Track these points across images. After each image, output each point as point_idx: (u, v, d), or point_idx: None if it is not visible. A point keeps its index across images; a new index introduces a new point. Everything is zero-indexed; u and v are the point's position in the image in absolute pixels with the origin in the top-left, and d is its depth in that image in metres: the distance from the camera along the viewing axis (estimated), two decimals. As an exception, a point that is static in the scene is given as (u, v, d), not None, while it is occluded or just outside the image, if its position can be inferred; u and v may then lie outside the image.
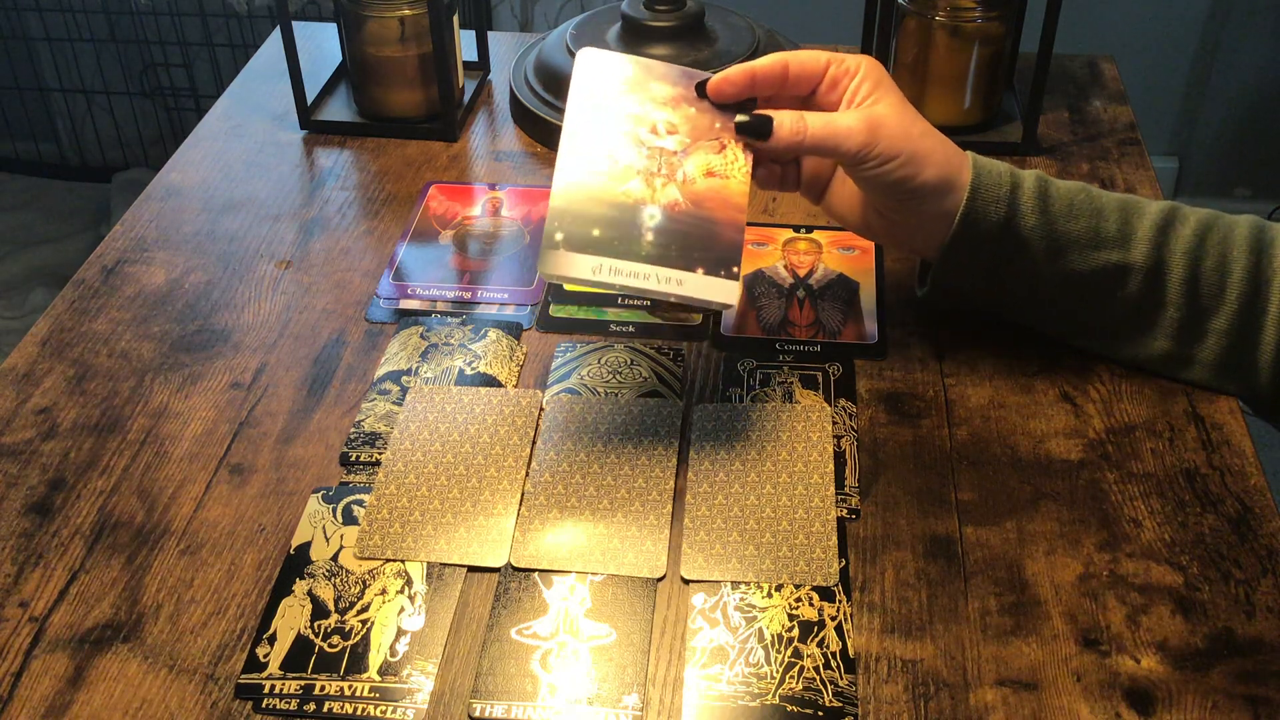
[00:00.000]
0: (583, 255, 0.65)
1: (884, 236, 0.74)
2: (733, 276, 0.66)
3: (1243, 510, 0.65)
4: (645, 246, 0.65)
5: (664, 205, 0.66)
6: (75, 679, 0.57)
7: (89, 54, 2.33)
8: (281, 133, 1.00)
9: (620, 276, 0.65)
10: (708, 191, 0.67)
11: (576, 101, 0.68)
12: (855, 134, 0.67)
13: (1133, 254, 0.70)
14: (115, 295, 0.82)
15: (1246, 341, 0.69)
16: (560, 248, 0.65)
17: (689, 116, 0.69)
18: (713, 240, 0.66)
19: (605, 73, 0.69)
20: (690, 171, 0.67)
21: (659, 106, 0.69)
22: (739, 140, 0.68)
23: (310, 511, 0.65)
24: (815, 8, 2.09)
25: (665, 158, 0.67)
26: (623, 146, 0.67)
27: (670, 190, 0.66)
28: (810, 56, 0.69)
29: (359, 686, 0.57)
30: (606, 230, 0.65)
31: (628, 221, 0.66)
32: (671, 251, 0.65)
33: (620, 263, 0.65)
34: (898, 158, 0.67)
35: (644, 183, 0.67)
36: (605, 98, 0.68)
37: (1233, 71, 2.14)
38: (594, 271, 0.65)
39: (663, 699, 0.56)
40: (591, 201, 0.66)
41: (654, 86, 0.69)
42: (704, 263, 0.65)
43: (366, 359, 0.76)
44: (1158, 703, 0.56)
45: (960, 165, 0.70)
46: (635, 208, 0.66)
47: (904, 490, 0.66)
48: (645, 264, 0.65)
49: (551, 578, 0.62)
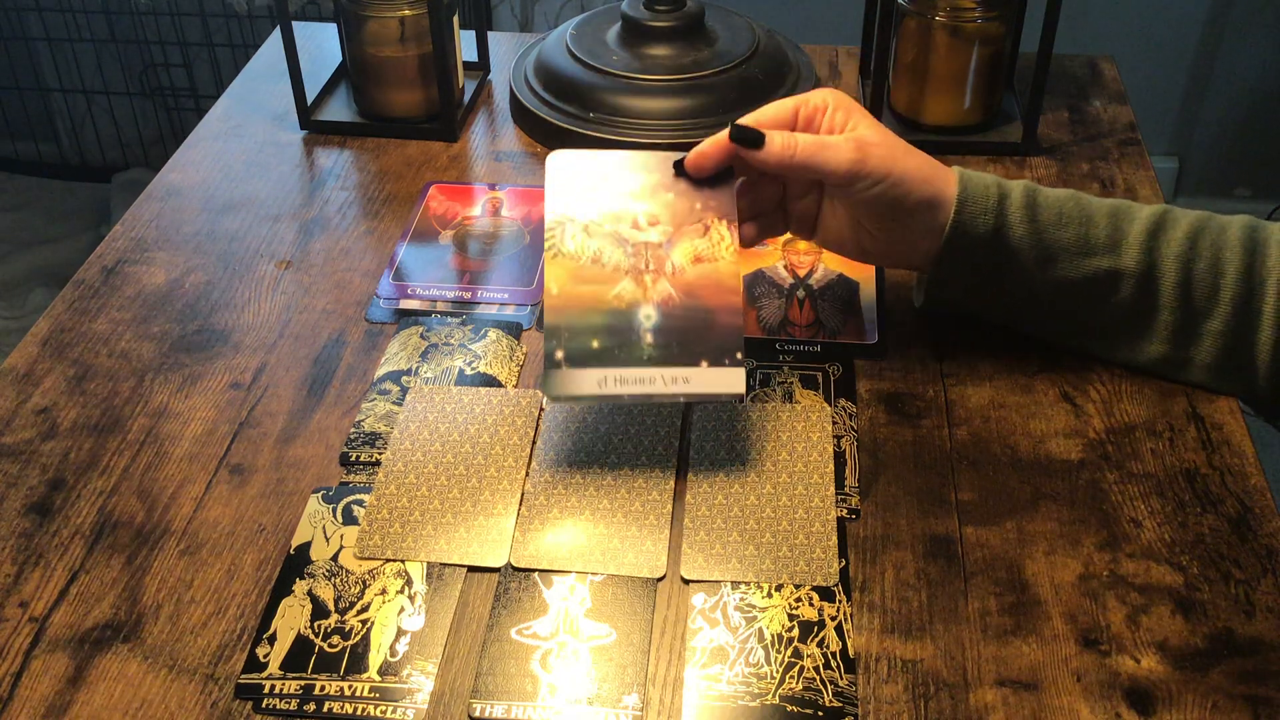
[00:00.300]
0: (586, 370, 0.64)
1: (879, 257, 0.74)
2: (738, 364, 0.65)
3: (1243, 510, 0.65)
4: (646, 349, 0.65)
5: (658, 302, 0.66)
6: (75, 679, 0.57)
7: (89, 54, 2.33)
8: (281, 133, 1.00)
9: (626, 385, 0.64)
10: (699, 279, 0.66)
11: (554, 208, 0.68)
12: (846, 153, 0.67)
13: (1124, 259, 0.70)
14: (115, 295, 0.82)
15: (1243, 342, 0.69)
16: (563, 366, 0.64)
17: (668, 203, 0.68)
18: (711, 330, 0.65)
19: (577, 173, 0.69)
20: (678, 261, 0.67)
21: (636, 199, 0.68)
22: (721, 218, 0.68)
23: (310, 511, 0.65)
24: (815, 8, 2.09)
25: (651, 251, 0.67)
26: (607, 248, 0.67)
27: (662, 285, 0.66)
28: (777, 108, 0.70)
29: (359, 686, 0.57)
30: (605, 339, 0.65)
31: (625, 327, 0.65)
32: (673, 350, 0.65)
33: (624, 371, 0.64)
34: (888, 177, 0.67)
35: (634, 282, 0.66)
36: (581, 200, 0.68)
37: (1233, 71, 2.14)
38: (600, 385, 0.64)
39: (663, 699, 0.57)
40: (586, 312, 0.65)
41: (628, 178, 0.69)
42: (707, 355, 0.65)
43: (366, 359, 0.76)
44: (1158, 703, 0.56)
45: (947, 180, 0.70)
46: (630, 311, 0.66)
47: (904, 490, 0.66)
48: (649, 367, 0.65)
49: (551, 578, 0.62)
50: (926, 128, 0.96)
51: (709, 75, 0.96)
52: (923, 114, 0.96)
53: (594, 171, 0.69)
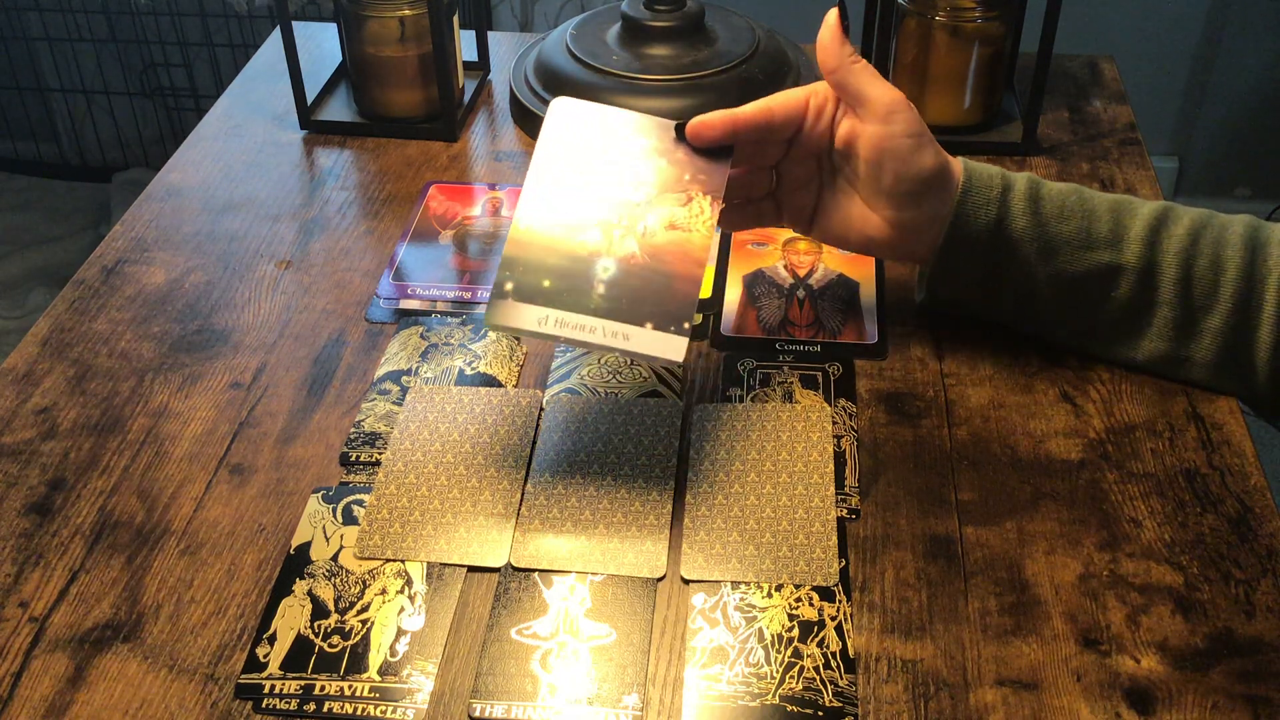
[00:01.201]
0: (530, 306, 0.64)
1: (881, 247, 0.74)
2: (683, 333, 0.64)
3: (1243, 510, 0.65)
4: (595, 300, 0.65)
5: (619, 258, 0.65)
6: (75, 679, 0.57)
7: (89, 54, 2.33)
8: (281, 133, 1.00)
9: (566, 329, 0.64)
10: (668, 245, 0.66)
11: (544, 149, 0.68)
12: (892, 92, 0.69)
13: (1125, 254, 0.70)
14: (115, 295, 0.82)
15: (1242, 340, 0.69)
16: (509, 298, 0.64)
17: (658, 168, 0.68)
18: (666, 294, 0.65)
19: (578, 122, 0.69)
20: (652, 224, 0.66)
21: (629, 157, 0.68)
22: (707, 193, 0.68)
23: (310, 511, 0.65)
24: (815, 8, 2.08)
25: (628, 209, 0.67)
26: (586, 197, 0.67)
27: (628, 242, 0.66)
28: (790, 96, 0.70)
29: (359, 686, 0.57)
30: (557, 281, 0.65)
31: (580, 273, 0.65)
32: (621, 305, 0.65)
33: (567, 315, 0.64)
34: (918, 135, 0.69)
35: (602, 234, 0.66)
36: (574, 147, 0.68)
37: (1233, 71, 2.14)
38: (539, 323, 0.64)
39: (663, 699, 0.57)
40: (546, 251, 0.65)
41: (627, 137, 0.69)
42: (654, 317, 0.64)
43: (366, 359, 0.76)
44: (1158, 703, 0.56)
45: (953, 163, 0.71)
46: (590, 259, 0.65)
47: (904, 490, 0.66)
48: (592, 317, 0.64)
49: (551, 578, 0.62)
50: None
51: (709, 75, 0.96)
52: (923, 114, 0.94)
53: (592, 124, 0.69)
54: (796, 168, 0.72)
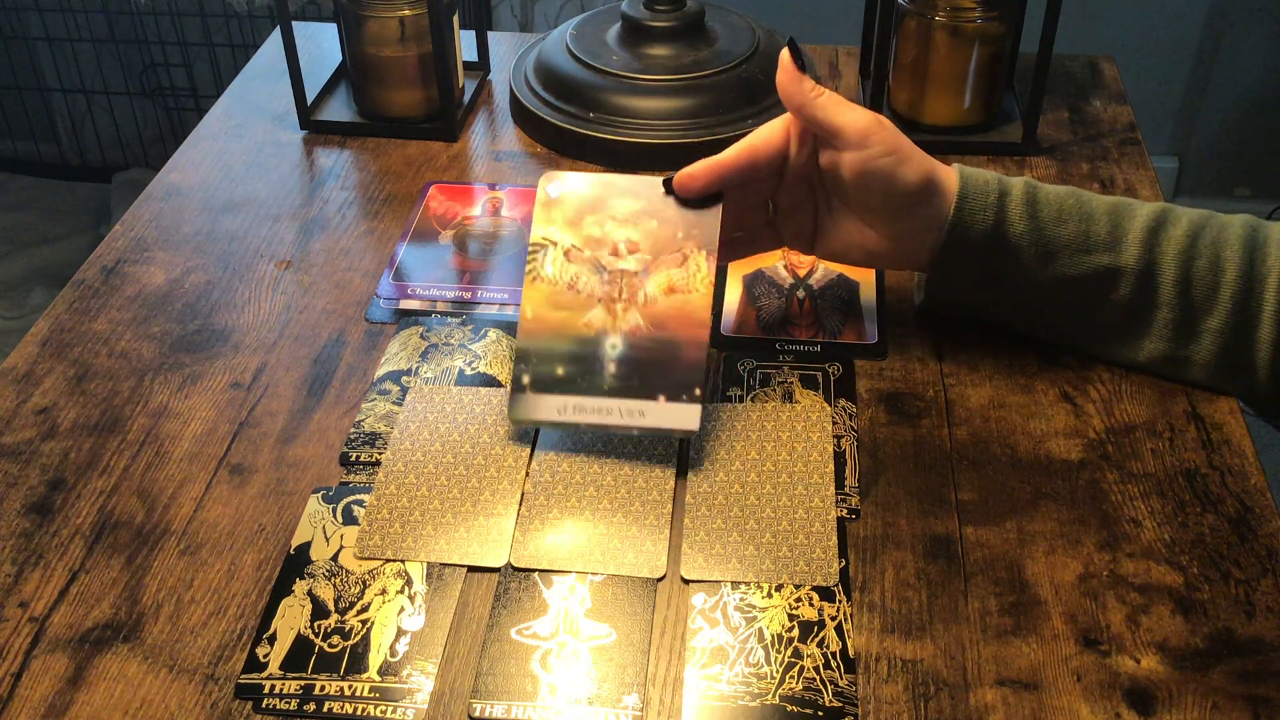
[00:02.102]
0: (548, 396, 0.66)
1: (882, 258, 0.74)
2: (695, 400, 0.66)
3: (1243, 510, 0.65)
4: (608, 380, 0.66)
5: (625, 332, 0.67)
6: (75, 679, 0.57)
7: (89, 54, 2.33)
8: (281, 133, 1.00)
9: (585, 414, 0.66)
10: (669, 310, 0.68)
11: (538, 231, 0.70)
12: (864, 115, 0.68)
13: (1123, 257, 0.70)
14: (115, 295, 0.82)
15: (1242, 341, 0.69)
16: (527, 391, 0.67)
17: (650, 231, 0.69)
18: (674, 364, 0.67)
19: (567, 196, 0.70)
20: (652, 290, 0.68)
21: (621, 225, 0.69)
22: (702, 248, 0.69)
23: (310, 511, 0.65)
24: (815, 8, 2.09)
25: (626, 280, 0.68)
26: (584, 274, 0.68)
27: (632, 315, 0.67)
28: (769, 130, 0.71)
29: (359, 686, 0.57)
30: (570, 367, 0.67)
31: (590, 356, 0.67)
32: (633, 383, 0.66)
33: (584, 399, 0.66)
34: (896, 151, 0.68)
35: (605, 310, 0.68)
36: (565, 224, 0.70)
37: (1233, 71, 2.14)
38: (559, 412, 0.66)
39: (663, 699, 0.57)
40: (555, 338, 0.67)
41: (616, 203, 0.70)
42: (665, 389, 0.66)
43: (366, 359, 0.76)
44: (1158, 703, 0.56)
45: (948, 173, 0.71)
46: (597, 339, 0.67)
47: (904, 490, 0.66)
48: (608, 398, 0.66)
49: (551, 578, 0.62)
50: (926, 128, 0.96)
51: (709, 75, 0.96)
52: (923, 114, 0.96)
53: (584, 195, 0.71)
54: (790, 195, 0.73)
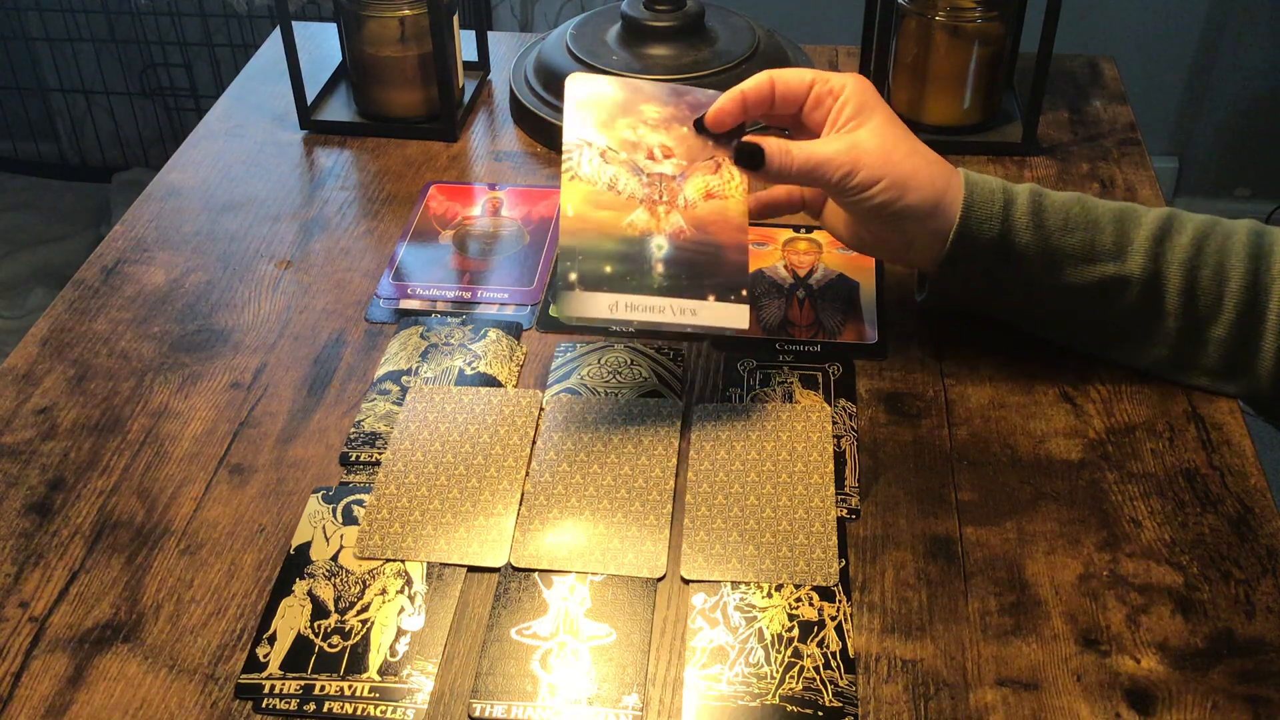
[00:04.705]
0: (598, 294, 0.65)
1: (878, 252, 0.74)
2: (743, 300, 0.66)
3: (1243, 510, 0.65)
4: (657, 279, 0.65)
5: (670, 234, 0.66)
6: (75, 679, 0.57)
7: (89, 54, 2.33)
8: (281, 133, 1.00)
9: (636, 312, 0.65)
10: (710, 214, 0.67)
11: (572, 133, 0.68)
12: (836, 161, 0.67)
13: (1129, 266, 0.69)
14: (115, 295, 0.82)
15: (1247, 349, 0.69)
16: (576, 288, 0.65)
17: (682, 137, 0.69)
18: (720, 265, 0.66)
19: (595, 98, 0.70)
20: (690, 195, 0.68)
21: (652, 130, 0.69)
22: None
23: (310, 511, 0.65)
24: (815, 8, 2.09)
25: (665, 183, 0.68)
26: (623, 175, 0.67)
27: (674, 217, 0.67)
28: (794, 75, 0.70)
29: (359, 686, 0.57)
30: (618, 265, 0.65)
31: (637, 254, 0.66)
32: (683, 281, 0.66)
33: (635, 298, 0.65)
34: (878, 183, 0.67)
35: (647, 212, 0.67)
36: (599, 126, 0.69)
37: (1233, 71, 2.14)
38: (611, 309, 0.65)
39: (663, 699, 0.57)
40: (600, 237, 0.66)
41: (644, 108, 0.70)
42: (714, 289, 0.66)
43: (366, 359, 0.76)
44: (1158, 703, 0.56)
45: (949, 184, 0.69)
46: (643, 239, 0.66)
47: (904, 490, 0.66)
48: (659, 296, 0.65)
49: (551, 578, 0.62)
50: (926, 128, 0.96)
51: (709, 75, 0.95)
52: (923, 114, 0.96)
53: (612, 99, 0.70)
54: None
